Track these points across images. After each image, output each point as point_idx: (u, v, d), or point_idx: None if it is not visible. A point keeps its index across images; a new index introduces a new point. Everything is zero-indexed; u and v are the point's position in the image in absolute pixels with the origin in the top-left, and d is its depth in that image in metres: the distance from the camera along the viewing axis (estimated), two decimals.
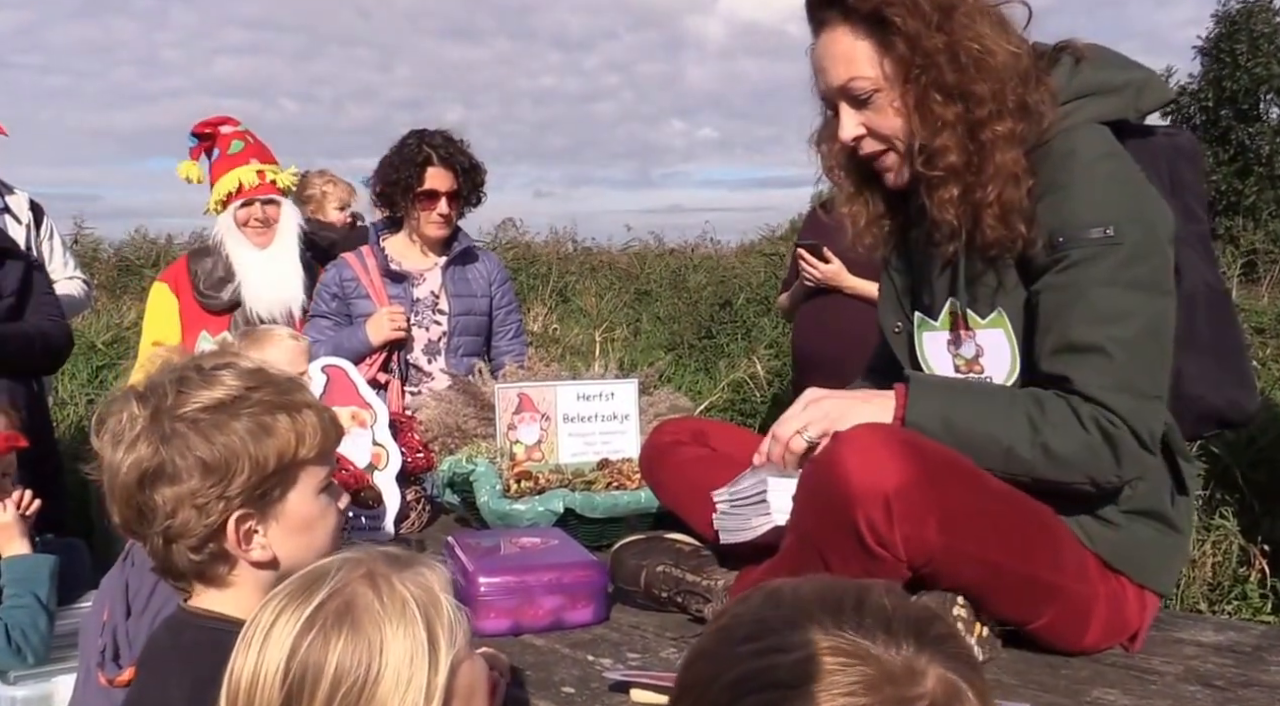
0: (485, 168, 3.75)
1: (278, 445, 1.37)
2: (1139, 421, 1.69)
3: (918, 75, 1.76)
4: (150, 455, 1.32)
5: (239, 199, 3.63)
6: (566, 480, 2.68)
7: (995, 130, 1.73)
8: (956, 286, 1.88)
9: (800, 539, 1.74)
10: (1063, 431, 1.69)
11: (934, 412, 1.73)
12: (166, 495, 1.32)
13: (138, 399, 1.37)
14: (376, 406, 2.76)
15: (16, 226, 3.91)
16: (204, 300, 3.66)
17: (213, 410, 1.35)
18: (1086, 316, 1.71)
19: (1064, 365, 1.73)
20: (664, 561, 2.11)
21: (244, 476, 1.34)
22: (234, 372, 1.41)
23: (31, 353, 3.32)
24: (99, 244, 10.47)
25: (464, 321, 3.69)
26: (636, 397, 2.91)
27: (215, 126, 3.73)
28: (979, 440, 1.71)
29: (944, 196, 1.78)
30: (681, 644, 1.96)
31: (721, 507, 2.00)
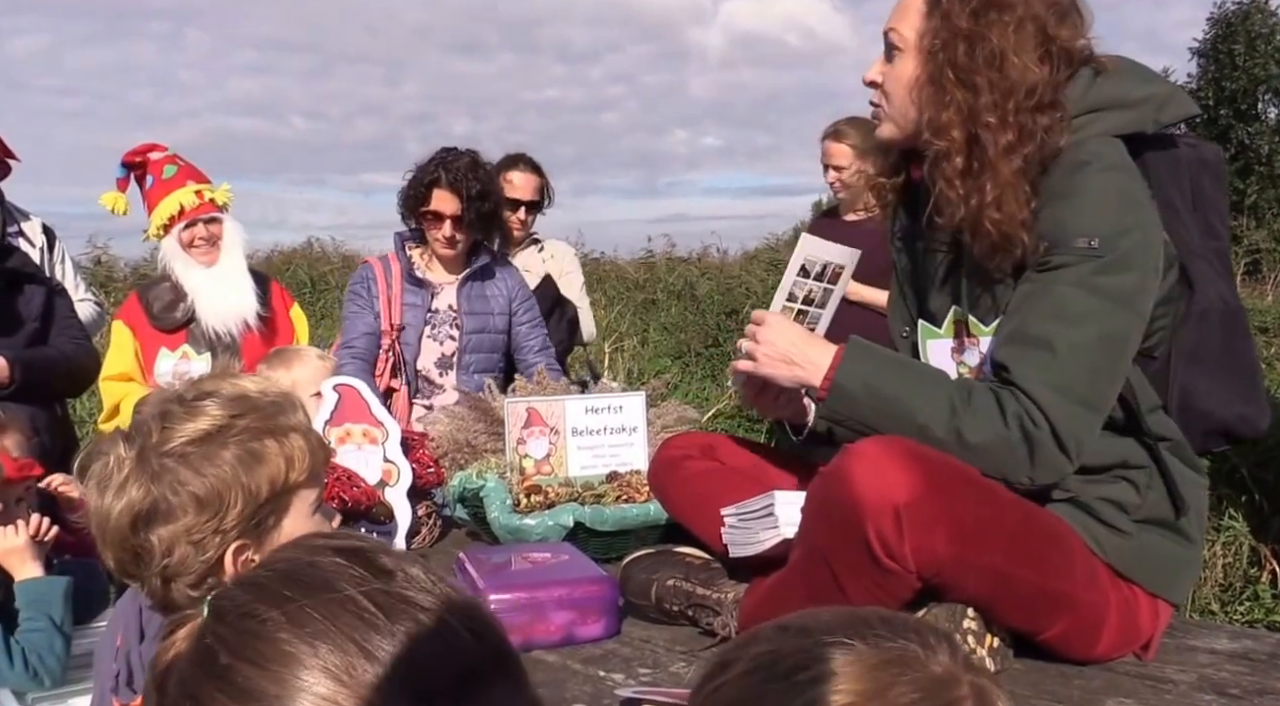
0: (497, 197, 3.74)
1: (269, 472, 1.35)
2: (1064, 424, 1.69)
3: (937, 50, 1.79)
4: (141, 496, 1.30)
5: (181, 220, 3.65)
6: (576, 494, 2.69)
7: (994, 131, 1.74)
8: (960, 294, 1.89)
9: (809, 551, 1.74)
10: (981, 422, 1.71)
11: (860, 376, 1.79)
12: (162, 534, 1.30)
13: (124, 440, 1.35)
14: (388, 424, 2.77)
15: (31, 250, 3.94)
16: (158, 323, 3.69)
17: (199, 442, 1.33)
18: (1045, 311, 1.72)
19: (1009, 354, 1.75)
20: (674, 575, 2.12)
21: (238, 508, 1.32)
22: (217, 402, 1.39)
23: (59, 376, 3.35)
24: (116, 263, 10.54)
25: (477, 339, 3.69)
26: (645, 410, 2.92)
27: (143, 154, 3.75)
28: (896, 411, 1.76)
29: (949, 171, 1.78)
30: (692, 658, 1.97)
31: (730, 522, 2.01)
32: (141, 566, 1.32)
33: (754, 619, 1.90)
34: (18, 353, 3.25)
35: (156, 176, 3.67)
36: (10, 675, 1.93)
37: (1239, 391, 1.91)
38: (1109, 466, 1.80)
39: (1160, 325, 1.81)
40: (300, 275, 10.67)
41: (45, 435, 3.17)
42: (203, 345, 3.62)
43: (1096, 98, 1.80)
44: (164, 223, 3.64)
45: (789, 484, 2.04)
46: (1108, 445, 1.79)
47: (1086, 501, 1.80)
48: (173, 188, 3.64)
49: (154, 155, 3.71)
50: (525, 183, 4.32)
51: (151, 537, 1.30)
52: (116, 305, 8.36)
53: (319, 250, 11.95)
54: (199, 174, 3.74)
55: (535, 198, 4.35)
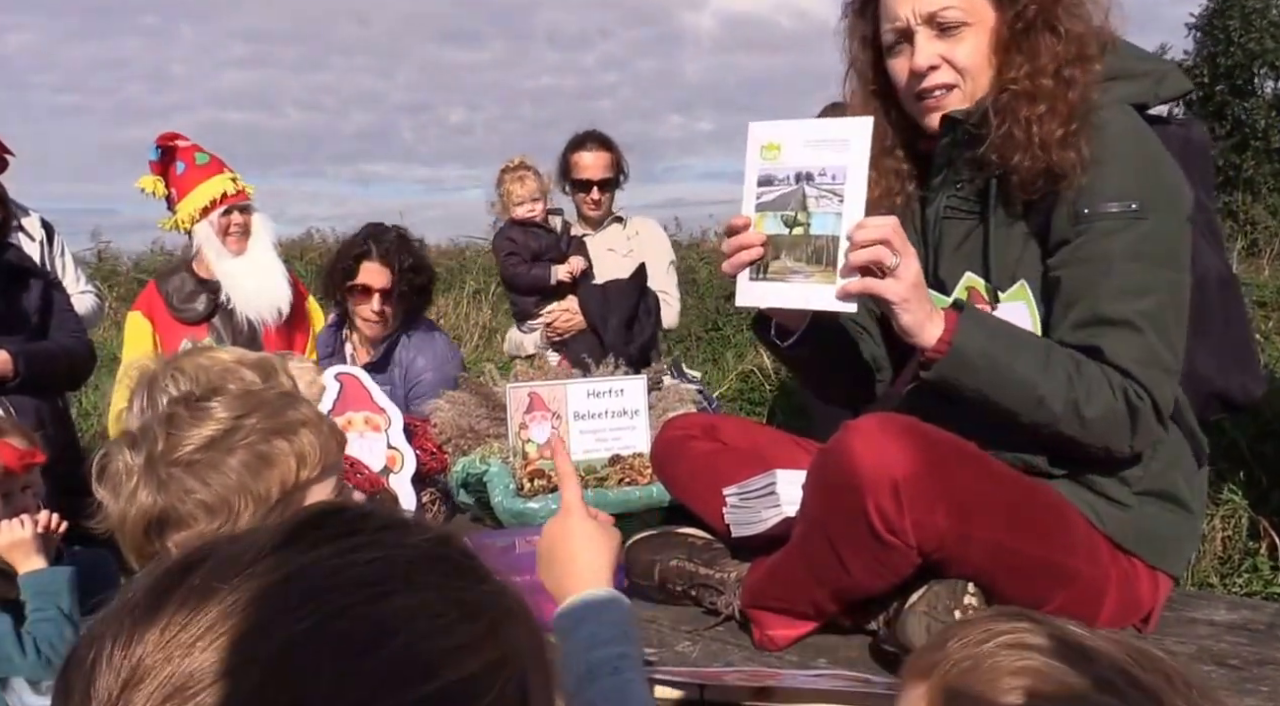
0: (432, 272, 3.66)
1: (279, 474, 1.33)
2: (1161, 395, 1.73)
3: (1024, 9, 1.79)
4: (151, 504, 1.30)
5: (220, 206, 3.65)
6: (579, 477, 2.70)
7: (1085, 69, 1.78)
8: (977, 261, 1.89)
9: (810, 528, 1.76)
10: (1096, 394, 1.71)
11: (979, 344, 1.71)
12: (177, 540, 1.30)
13: (129, 446, 1.34)
14: (390, 411, 2.79)
15: (30, 244, 3.96)
16: (179, 315, 3.70)
17: (205, 448, 1.32)
18: (1114, 290, 1.74)
19: (1095, 337, 1.75)
20: (677, 555, 2.13)
21: (249, 511, 1.31)
22: (223, 402, 1.38)
23: (59, 369, 3.36)
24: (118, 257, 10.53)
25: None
26: (646, 393, 2.94)
27: (173, 140, 3.75)
28: (1016, 382, 1.71)
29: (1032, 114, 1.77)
30: (696, 637, 1.99)
31: (731, 501, 2.03)
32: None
33: (757, 597, 1.92)
34: (20, 346, 3.27)
35: (189, 162, 3.65)
36: (24, 665, 1.95)
37: (1236, 358, 1.94)
38: None
39: None
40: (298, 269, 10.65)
41: (50, 427, 3.19)
42: (224, 338, 3.62)
43: (1110, 67, 1.82)
44: (204, 205, 3.63)
45: (790, 463, 2.05)
46: None
47: (1086, 475, 1.81)
48: (210, 173, 3.63)
49: (181, 142, 3.71)
50: (596, 161, 4.16)
51: (167, 543, 1.30)
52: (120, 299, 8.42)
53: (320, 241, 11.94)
54: (227, 165, 3.75)
55: (609, 175, 4.18)
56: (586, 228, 4.26)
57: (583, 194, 4.17)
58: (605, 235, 4.25)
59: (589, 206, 4.20)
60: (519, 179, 4.04)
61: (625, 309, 3.99)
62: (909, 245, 1.69)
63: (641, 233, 4.32)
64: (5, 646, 1.95)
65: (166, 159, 3.74)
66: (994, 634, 0.81)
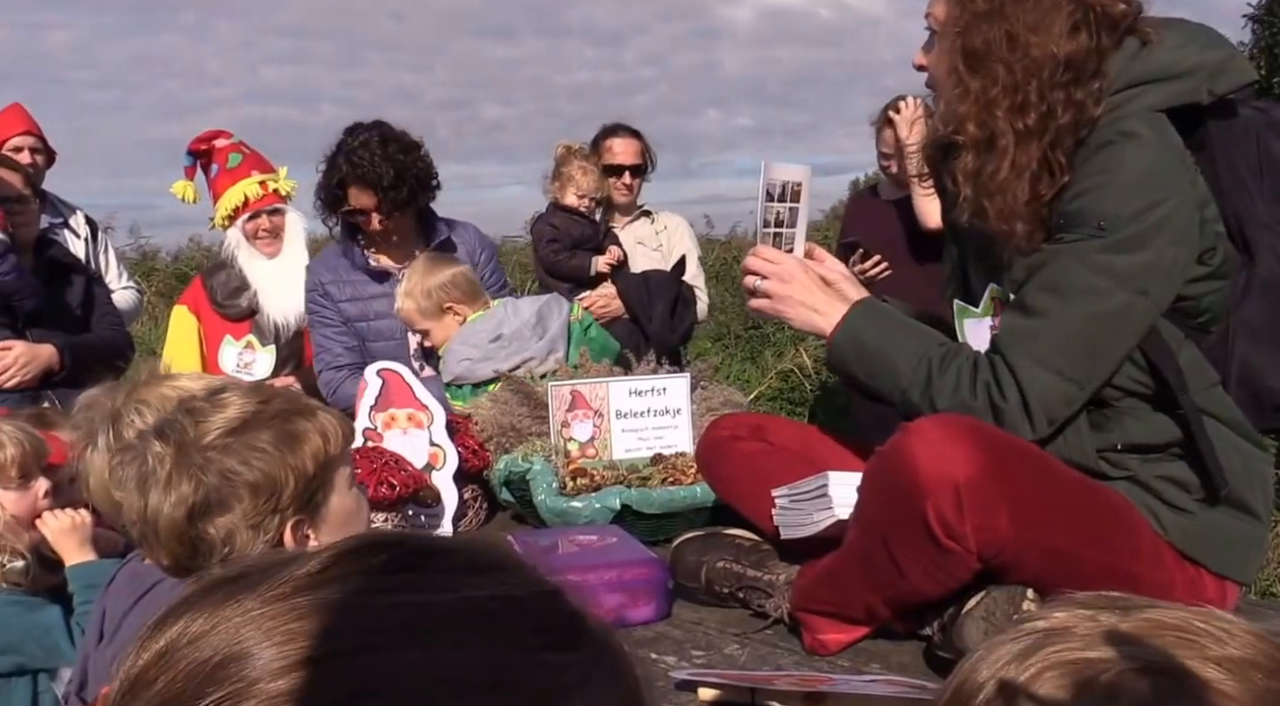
0: (420, 168, 3.37)
1: (310, 449, 1.38)
2: (1039, 397, 1.71)
3: (956, 35, 1.76)
4: (193, 489, 1.31)
5: (246, 212, 3.67)
6: (622, 476, 2.68)
7: (1008, 119, 1.71)
8: (999, 272, 1.86)
9: (865, 532, 1.73)
10: (949, 391, 1.77)
11: (860, 334, 1.89)
12: (220, 524, 1.31)
13: (157, 437, 1.36)
14: (433, 407, 2.78)
15: (76, 241, 4.02)
16: (223, 311, 3.74)
17: (236, 431, 1.35)
18: (1042, 283, 1.73)
19: (1003, 321, 1.79)
20: (724, 557, 2.11)
21: (291, 486, 1.34)
22: (238, 392, 1.41)
23: (100, 363, 3.40)
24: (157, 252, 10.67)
25: None
26: (689, 392, 2.91)
27: (209, 141, 3.77)
28: (884, 373, 1.87)
29: (960, 167, 1.79)
30: (745, 640, 1.96)
31: (781, 503, 2.00)
32: (200, 558, 1.32)
33: (807, 600, 1.89)
34: (66, 340, 3.31)
35: (221, 165, 3.69)
36: (73, 654, 1.96)
37: None
38: (1165, 445, 1.77)
39: (1211, 301, 1.77)
40: None
41: None
42: (268, 336, 3.65)
43: (1141, 71, 1.75)
44: (229, 212, 3.66)
45: (840, 464, 2.02)
46: (1161, 423, 1.76)
47: (1146, 480, 1.77)
48: (238, 177, 3.67)
49: (219, 142, 3.73)
50: (626, 148, 4.25)
51: (209, 528, 1.31)
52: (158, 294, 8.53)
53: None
54: (265, 163, 3.76)
55: (638, 162, 4.27)
56: (615, 215, 4.33)
57: (614, 178, 4.22)
58: (634, 228, 4.32)
59: (621, 192, 4.27)
60: (585, 170, 4.08)
61: (669, 298, 4.05)
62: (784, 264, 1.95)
63: (670, 227, 4.40)
64: (55, 637, 1.96)
65: (203, 161, 3.77)
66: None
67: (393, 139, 3.33)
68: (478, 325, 3.16)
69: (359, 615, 0.55)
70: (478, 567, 0.60)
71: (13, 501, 2.09)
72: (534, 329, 3.13)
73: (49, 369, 3.23)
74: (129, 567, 1.63)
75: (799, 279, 1.95)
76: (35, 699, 2.00)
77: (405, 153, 3.33)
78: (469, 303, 3.24)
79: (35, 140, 3.96)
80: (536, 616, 0.58)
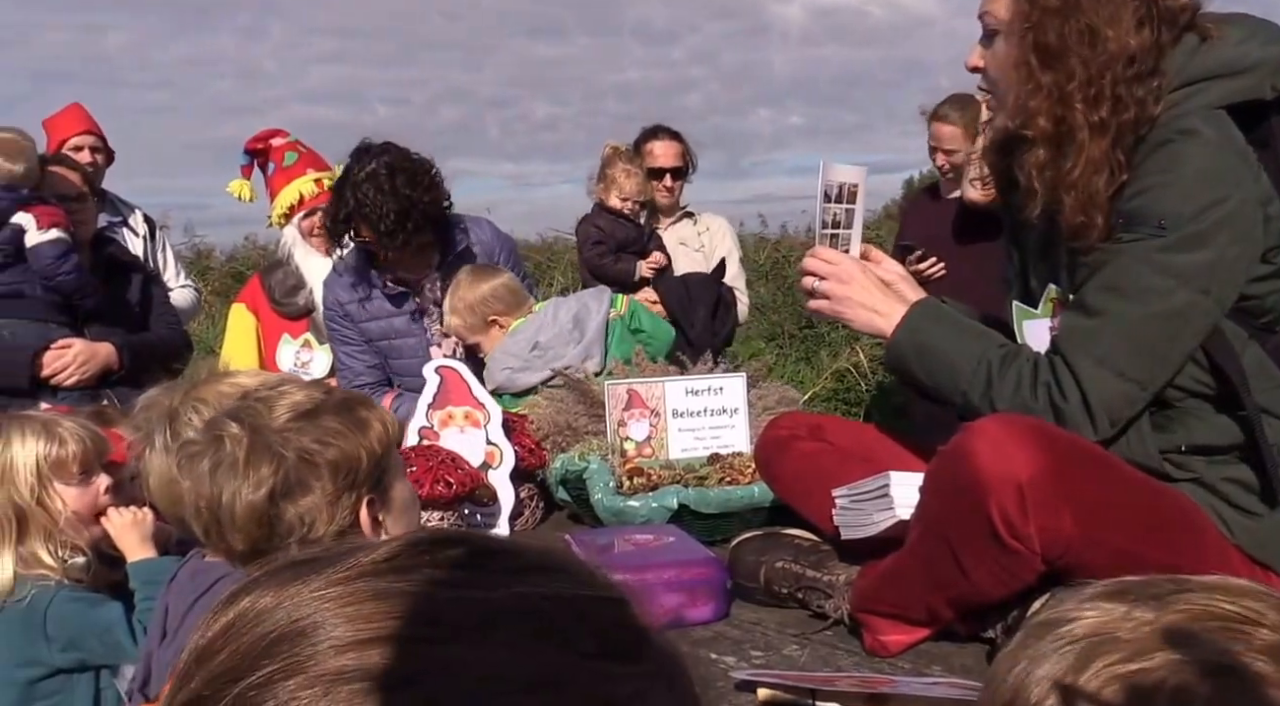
0: (426, 202, 3.20)
1: (375, 433, 1.41)
2: (1100, 398, 1.68)
3: (1026, 30, 1.74)
4: (273, 470, 1.33)
5: (301, 210, 3.70)
6: (678, 476, 2.66)
7: (1085, 112, 1.69)
8: (1058, 271, 1.85)
9: (928, 532, 1.70)
10: (1010, 392, 1.75)
11: (920, 335, 1.87)
12: (302, 504, 1.33)
13: (232, 421, 1.38)
14: (490, 406, 2.78)
15: (135, 240, 4.07)
16: (281, 309, 3.78)
17: (306, 416, 1.37)
18: (1102, 283, 1.71)
19: (1063, 321, 1.76)
20: (783, 557, 2.08)
21: (364, 465, 1.37)
22: (297, 385, 1.45)
23: (159, 361, 3.44)
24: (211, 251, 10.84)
25: None
26: (745, 392, 2.89)
27: (266, 140, 3.81)
28: (943, 375, 1.85)
29: (1032, 161, 1.76)
30: (804, 641, 1.93)
31: (841, 503, 1.97)
32: (276, 539, 1.34)
33: (868, 601, 1.86)
34: (124, 338, 3.35)
35: (278, 164, 3.74)
36: (134, 651, 1.97)
37: None
38: (1229, 446, 1.73)
39: (1276, 300, 1.73)
40: None
41: None
42: (324, 334, 3.68)
43: (1200, 68, 1.71)
44: (285, 210, 3.71)
45: (900, 465, 1.99)
46: (1225, 425, 1.72)
47: (1211, 483, 1.73)
48: (293, 176, 3.70)
49: (275, 141, 3.78)
50: (666, 150, 4.27)
51: (289, 508, 1.33)
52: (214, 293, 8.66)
53: None
54: (320, 161, 3.80)
55: (679, 164, 4.29)
56: (657, 216, 4.34)
57: (656, 181, 4.23)
58: (677, 229, 4.34)
59: (663, 194, 4.28)
60: (629, 173, 4.09)
61: (708, 301, 4.06)
62: (843, 265, 1.94)
63: (712, 228, 4.41)
64: (116, 634, 1.98)
65: (259, 160, 3.81)
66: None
67: (401, 169, 3.18)
68: (518, 334, 3.17)
69: (418, 605, 0.55)
70: (541, 569, 0.60)
71: (74, 497, 2.12)
72: (570, 333, 3.13)
73: (108, 367, 3.27)
74: (190, 565, 1.64)
75: (858, 280, 1.93)
76: (97, 695, 2.02)
77: (412, 185, 3.17)
78: (512, 312, 3.24)
79: (95, 139, 4.02)
80: (596, 622, 0.57)
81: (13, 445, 2.05)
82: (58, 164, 3.48)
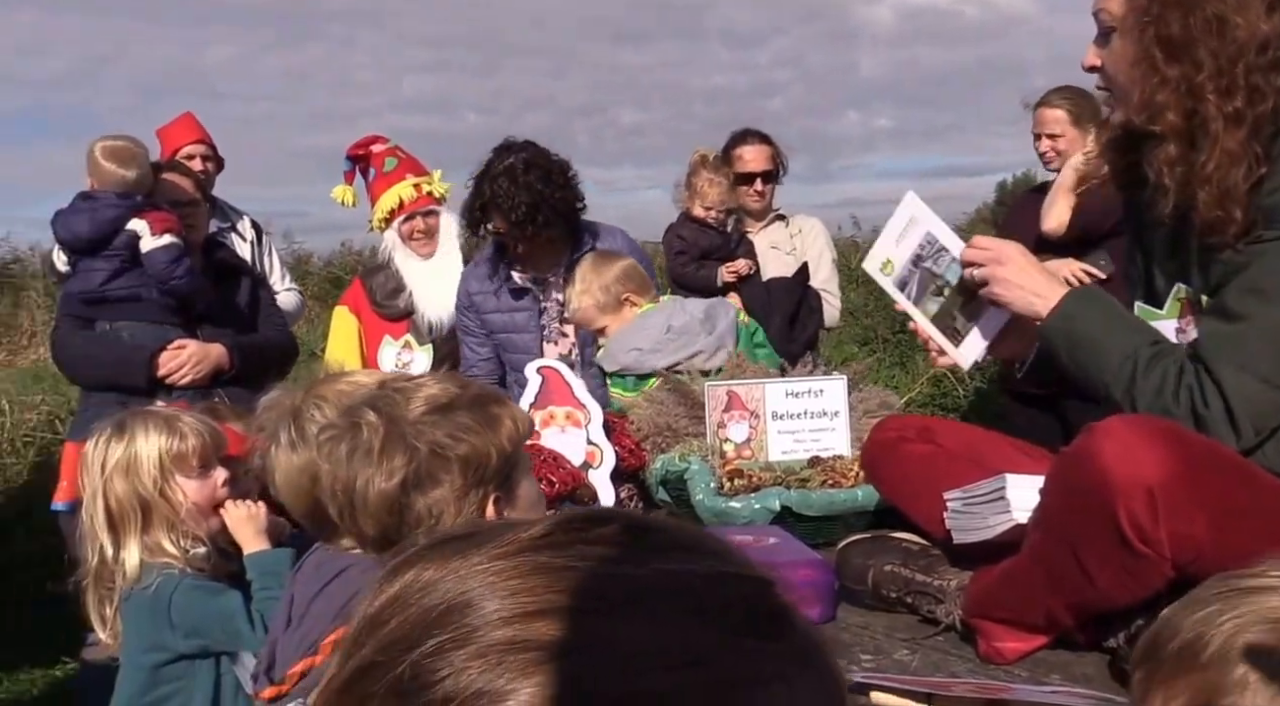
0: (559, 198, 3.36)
1: (507, 431, 1.43)
2: (1244, 405, 1.62)
3: (1146, 24, 1.69)
4: (405, 461, 1.36)
5: (401, 214, 3.76)
6: (779, 478, 2.64)
7: (1218, 103, 1.64)
8: (1187, 271, 1.79)
9: (1049, 536, 1.66)
10: (1152, 393, 1.70)
11: (1074, 320, 1.80)
12: (431, 496, 1.36)
13: (370, 409, 1.41)
14: (591, 407, 2.80)
15: (242, 245, 4.19)
16: (382, 311, 3.86)
17: (442, 410, 1.40)
18: (1244, 286, 1.65)
19: (1204, 326, 1.70)
20: (892, 561, 2.05)
21: (493, 462, 1.40)
22: (434, 378, 1.48)
23: (268, 361, 3.54)
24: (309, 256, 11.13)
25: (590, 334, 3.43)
26: (846, 395, 2.85)
27: (367, 146, 3.88)
28: (1089, 365, 1.79)
29: (1162, 157, 1.71)
30: (915, 646, 1.90)
31: (954, 506, 1.93)
32: (406, 529, 1.37)
33: (983, 607, 1.82)
34: (235, 340, 3.45)
35: (378, 169, 3.81)
36: (254, 640, 2.03)
37: None
38: None
39: None
40: None
41: None
42: (424, 335, 3.74)
43: None
44: (385, 215, 3.78)
45: (1012, 467, 1.95)
46: None
47: None
48: (393, 181, 3.78)
49: (376, 147, 3.85)
50: (756, 155, 4.24)
51: (419, 500, 1.36)
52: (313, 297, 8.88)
53: None
54: (419, 166, 3.87)
55: (769, 167, 4.27)
56: (748, 221, 4.31)
57: (746, 186, 4.20)
58: (768, 233, 4.30)
59: (753, 199, 4.25)
60: (713, 182, 4.07)
61: (788, 306, 4.05)
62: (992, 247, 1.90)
63: (804, 231, 4.36)
64: (237, 622, 2.04)
65: (361, 166, 3.89)
66: None
67: (536, 165, 3.33)
68: (649, 318, 3.17)
69: (576, 580, 0.57)
70: (690, 548, 0.61)
71: (194, 490, 2.18)
72: (703, 324, 3.13)
73: (219, 367, 3.36)
74: (315, 556, 1.68)
75: (1016, 261, 1.88)
76: (218, 681, 2.08)
77: (546, 181, 3.32)
78: (643, 294, 3.26)
79: (206, 147, 4.14)
80: (742, 601, 0.59)
81: (137, 439, 2.12)
82: (171, 170, 3.60)
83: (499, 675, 0.53)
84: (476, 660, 0.54)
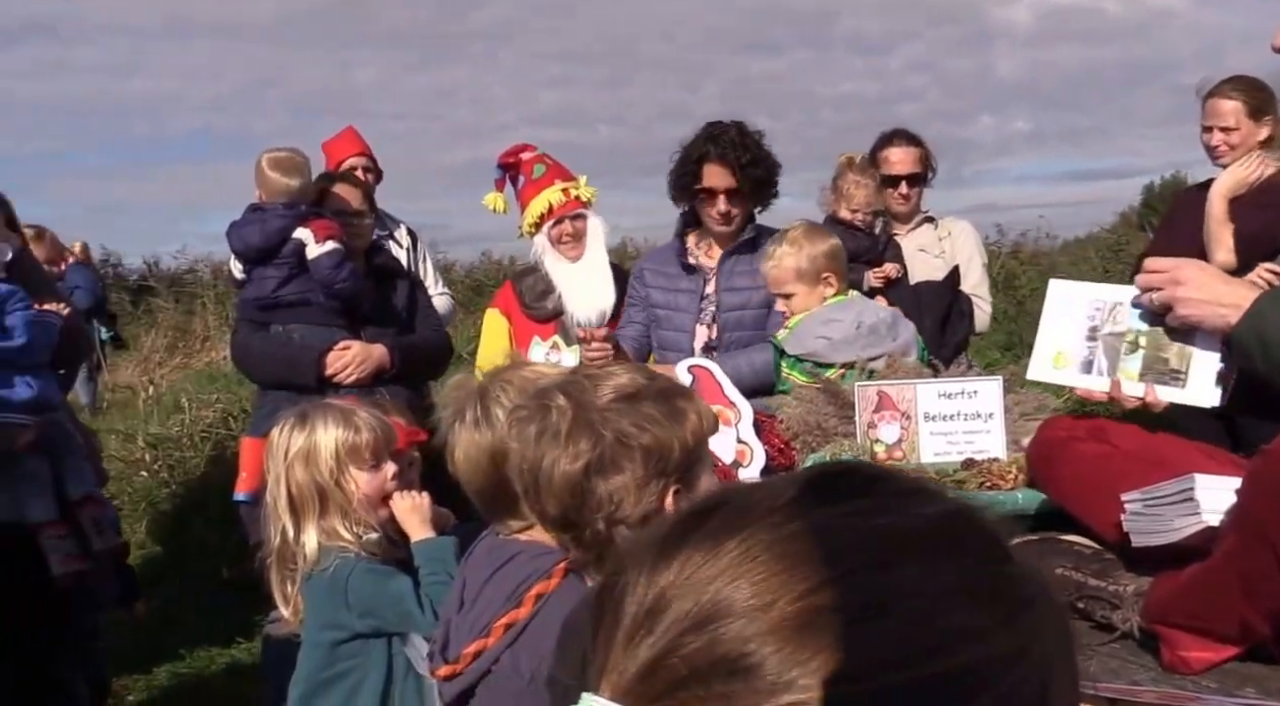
0: (771, 164, 3.60)
1: (692, 425, 1.44)
2: None
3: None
4: (590, 446, 1.38)
5: (550, 219, 3.82)
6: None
7: None
8: None
9: (1248, 538, 1.58)
10: None
11: (1258, 328, 1.74)
12: (614, 482, 1.38)
13: (561, 392, 1.44)
14: (741, 405, 2.80)
15: (399, 251, 4.36)
16: (531, 312, 3.95)
17: (628, 399, 1.42)
18: None
19: None
20: (1063, 564, 1.99)
21: (676, 455, 1.40)
22: (624, 368, 1.49)
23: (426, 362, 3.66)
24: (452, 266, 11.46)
25: (733, 317, 3.54)
26: (1001, 396, 2.78)
27: (516, 155, 3.96)
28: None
29: None
30: (1091, 652, 1.84)
31: (1133, 508, 1.86)
32: (586, 512, 1.39)
33: (1167, 613, 1.75)
34: (395, 340, 3.57)
35: (527, 176, 3.91)
36: (424, 622, 2.09)
37: None
38: None
39: None
40: None
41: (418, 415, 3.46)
42: (572, 336, 3.82)
43: None
44: (535, 220, 3.88)
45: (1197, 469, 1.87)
46: None
47: None
48: (542, 187, 3.87)
49: (525, 155, 3.95)
50: (904, 156, 4.17)
51: (601, 485, 1.38)
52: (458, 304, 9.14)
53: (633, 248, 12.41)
54: (566, 172, 3.95)
55: (917, 170, 4.19)
56: (895, 224, 4.23)
57: (891, 188, 4.13)
58: (917, 236, 4.21)
59: (898, 201, 4.17)
60: (859, 184, 4.02)
61: (938, 310, 3.97)
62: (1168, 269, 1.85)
63: (954, 233, 4.25)
64: (407, 604, 2.11)
65: (511, 174, 3.99)
66: None
67: (750, 133, 3.55)
68: (839, 309, 3.15)
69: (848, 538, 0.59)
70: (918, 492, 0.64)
71: (366, 481, 2.27)
72: (889, 329, 3.10)
73: (381, 367, 3.49)
74: (485, 542, 1.73)
75: (1194, 277, 1.84)
76: (390, 660, 2.15)
77: (760, 148, 3.54)
78: (840, 280, 3.23)
79: (367, 160, 4.32)
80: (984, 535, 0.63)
81: (316, 430, 2.22)
82: (342, 181, 3.76)
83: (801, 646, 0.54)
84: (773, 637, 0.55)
